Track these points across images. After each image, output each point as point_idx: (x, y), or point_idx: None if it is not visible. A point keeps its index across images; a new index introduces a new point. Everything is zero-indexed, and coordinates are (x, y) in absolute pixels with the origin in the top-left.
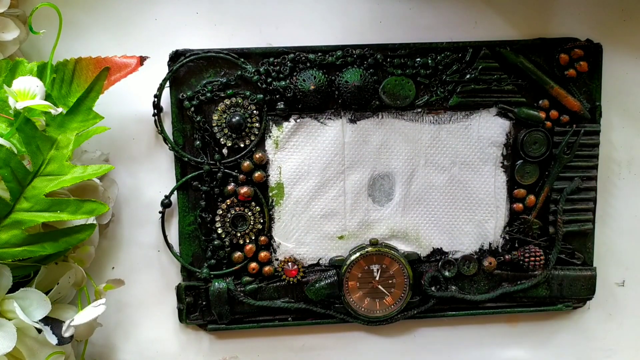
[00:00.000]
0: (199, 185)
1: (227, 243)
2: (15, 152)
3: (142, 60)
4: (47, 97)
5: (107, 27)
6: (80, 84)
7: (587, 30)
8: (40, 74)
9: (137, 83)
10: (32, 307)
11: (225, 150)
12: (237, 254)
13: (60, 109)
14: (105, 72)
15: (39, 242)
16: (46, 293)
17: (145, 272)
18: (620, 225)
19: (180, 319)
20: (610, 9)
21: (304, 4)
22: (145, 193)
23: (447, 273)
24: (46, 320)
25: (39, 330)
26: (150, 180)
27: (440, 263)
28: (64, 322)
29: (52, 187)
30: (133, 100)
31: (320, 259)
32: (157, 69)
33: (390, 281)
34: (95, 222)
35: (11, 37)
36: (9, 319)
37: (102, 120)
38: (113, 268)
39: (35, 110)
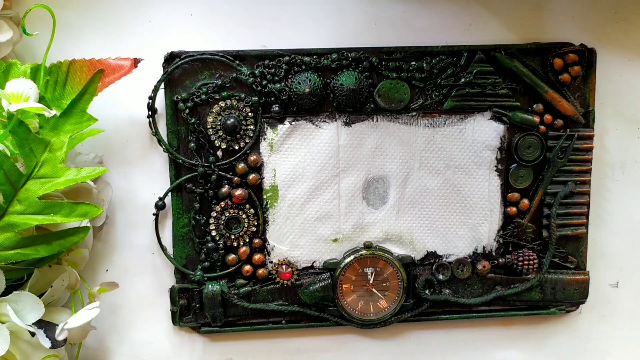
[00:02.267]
0: (193, 188)
1: (221, 245)
2: (9, 154)
3: (136, 62)
4: (41, 99)
5: (100, 29)
6: (74, 86)
7: (580, 33)
8: (34, 76)
9: (131, 85)
10: (25, 310)
11: (219, 153)
12: (231, 257)
13: (53, 111)
14: (99, 75)
15: (32, 245)
16: (40, 296)
17: (139, 275)
18: (614, 228)
19: (174, 322)
20: (603, 11)
21: (298, 6)
22: (139, 195)
23: (441, 276)
24: (39, 324)
25: (33, 334)
26: (144, 182)
27: (434, 266)
28: (57, 325)
29: (46, 190)
30: (127, 102)
31: (314, 261)
32: (151, 71)
33: (384, 284)
34: (89, 224)
35: (4, 38)
36: (2, 322)
37: (96, 122)
38: (107, 270)
39: (29, 113)
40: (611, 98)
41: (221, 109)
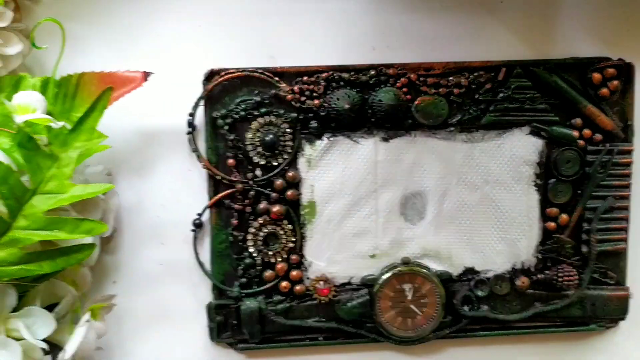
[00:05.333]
0: (232, 204)
1: (258, 261)
2: (15, 168)
3: (146, 75)
4: (49, 113)
5: (109, 41)
6: (84, 98)
7: (600, 44)
8: (44, 89)
9: (138, 98)
10: (36, 325)
11: (258, 169)
12: (269, 273)
13: (61, 123)
14: (108, 92)
15: (36, 260)
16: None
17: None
18: None
19: (212, 338)
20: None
21: (305, 16)
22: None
23: (479, 292)
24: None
25: (45, 352)
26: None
27: (472, 282)
28: (62, 348)
29: (51, 206)
30: (138, 116)
31: (351, 277)
32: (160, 82)
33: (422, 300)
34: (95, 242)
35: (14, 51)
36: (16, 339)
37: (105, 139)
38: (114, 282)
39: (38, 126)
40: None
41: (260, 125)
